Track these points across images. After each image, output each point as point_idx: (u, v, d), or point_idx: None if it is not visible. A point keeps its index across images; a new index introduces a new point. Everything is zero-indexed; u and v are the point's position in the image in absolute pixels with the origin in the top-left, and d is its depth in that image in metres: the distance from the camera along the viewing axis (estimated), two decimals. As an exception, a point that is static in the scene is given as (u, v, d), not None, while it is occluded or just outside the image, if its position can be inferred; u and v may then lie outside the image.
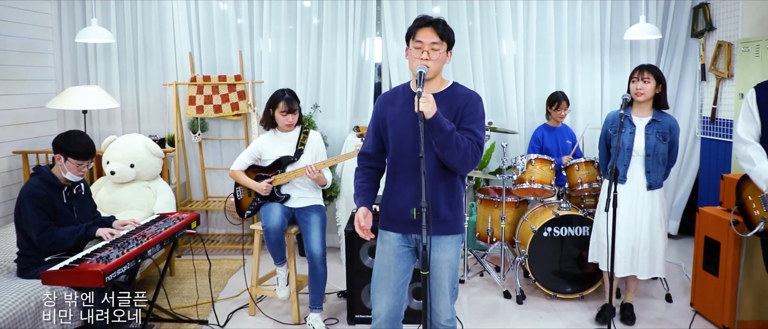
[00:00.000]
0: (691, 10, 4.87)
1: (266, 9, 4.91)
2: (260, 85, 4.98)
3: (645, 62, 4.91)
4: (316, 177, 3.35)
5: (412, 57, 2.25)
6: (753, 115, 2.75)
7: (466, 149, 2.20)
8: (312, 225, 3.37)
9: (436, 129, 2.12)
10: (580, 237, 3.80)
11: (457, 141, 2.17)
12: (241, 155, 3.54)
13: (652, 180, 3.31)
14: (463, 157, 2.19)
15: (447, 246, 2.35)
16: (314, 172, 3.31)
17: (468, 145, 2.21)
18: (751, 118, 2.76)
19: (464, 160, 2.20)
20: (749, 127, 2.78)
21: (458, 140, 2.18)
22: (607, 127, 3.46)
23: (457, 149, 2.17)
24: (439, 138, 2.14)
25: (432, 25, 2.23)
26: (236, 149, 5.12)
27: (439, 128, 2.13)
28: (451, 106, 2.27)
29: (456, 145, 2.17)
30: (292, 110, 3.39)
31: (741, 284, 3.21)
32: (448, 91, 2.33)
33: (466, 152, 2.20)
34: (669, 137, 3.29)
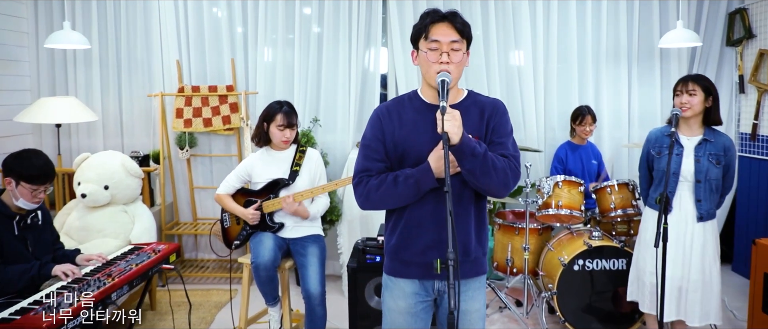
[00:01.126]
0: (726, 16, 4.44)
1: (262, 15, 4.48)
2: (254, 97, 4.54)
3: (676, 72, 4.51)
4: (294, 211, 2.88)
5: (425, 61, 1.80)
6: None
7: (505, 170, 1.77)
8: (309, 260, 2.91)
9: (466, 153, 1.68)
10: (615, 271, 3.33)
11: (493, 162, 1.74)
12: (229, 177, 3.09)
13: (704, 210, 2.85)
14: (503, 179, 1.76)
15: (476, 293, 1.92)
16: (291, 205, 2.85)
17: (505, 164, 1.78)
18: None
19: (505, 182, 1.77)
20: None
21: (494, 161, 1.74)
22: (649, 147, 3.01)
23: (495, 172, 1.73)
24: (471, 164, 1.70)
25: (448, 20, 1.79)
26: (228, 167, 4.66)
27: (470, 152, 1.69)
28: (475, 119, 1.84)
29: (493, 167, 1.73)
30: (291, 125, 2.95)
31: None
32: (468, 101, 1.89)
33: (505, 173, 1.77)
34: (724, 160, 2.84)
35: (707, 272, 2.87)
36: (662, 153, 2.91)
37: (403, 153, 1.86)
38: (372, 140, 1.89)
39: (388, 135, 1.87)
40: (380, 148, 1.87)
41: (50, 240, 2.74)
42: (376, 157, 1.87)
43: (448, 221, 1.52)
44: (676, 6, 4.44)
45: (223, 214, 3.15)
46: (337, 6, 4.47)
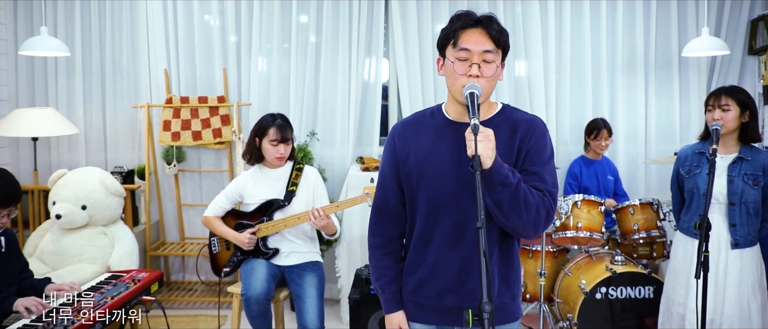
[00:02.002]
0: (748, 23, 4.20)
1: (257, 23, 4.21)
2: (248, 109, 4.26)
3: (695, 82, 4.26)
4: (324, 226, 2.59)
5: (451, 72, 1.53)
6: None
7: (537, 208, 1.48)
8: (307, 291, 2.62)
9: (495, 183, 1.40)
10: (641, 299, 3.05)
11: (526, 197, 1.45)
12: (218, 198, 2.81)
13: (740, 235, 2.57)
14: (534, 218, 1.47)
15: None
16: (322, 218, 2.56)
17: (539, 202, 1.48)
18: None
19: (535, 222, 1.48)
20: None
21: (526, 195, 1.45)
22: (679, 166, 2.73)
23: (526, 209, 1.45)
24: (499, 195, 1.42)
25: (482, 26, 1.51)
26: (218, 183, 4.37)
27: (501, 181, 1.41)
28: (505, 139, 1.56)
29: (524, 203, 1.44)
30: (285, 139, 2.67)
31: None
32: (500, 117, 1.61)
33: (538, 212, 1.48)
34: (762, 180, 2.56)
35: (745, 306, 2.58)
36: (692, 172, 2.65)
37: (419, 178, 1.59)
38: (387, 167, 1.68)
39: (401, 158, 1.63)
40: (394, 177, 1.66)
41: (15, 269, 2.43)
42: (386, 193, 1.68)
43: (482, 263, 1.25)
44: (695, 13, 4.20)
45: (212, 238, 2.86)
46: (336, 14, 4.21)
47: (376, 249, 1.70)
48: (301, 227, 2.73)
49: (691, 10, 4.21)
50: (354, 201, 2.57)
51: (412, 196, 1.62)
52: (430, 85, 4.28)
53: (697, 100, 4.26)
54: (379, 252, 1.69)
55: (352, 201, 2.58)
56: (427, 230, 1.60)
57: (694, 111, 4.27)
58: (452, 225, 1.56)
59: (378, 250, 1.70)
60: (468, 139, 1.39)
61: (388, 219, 1.68)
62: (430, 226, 1.59)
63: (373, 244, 1.71)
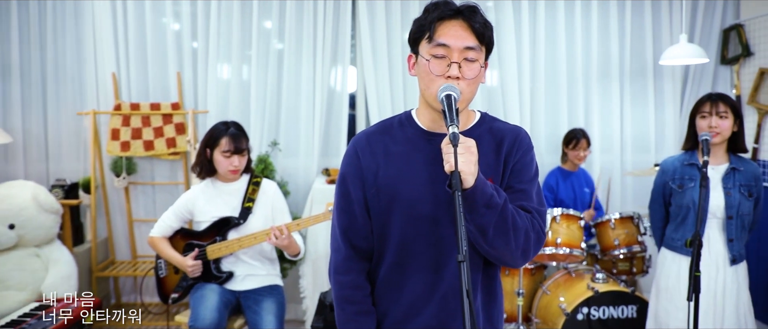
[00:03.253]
0: (721, 32, 4.14)
1: (214, 26, 3.91)
2: (204, 116, 3.96)
3: (670, 91, 4.17)
4: (286, 245, 2.32)
5: (425, 72, 1.29)
6: None
7: (527, 232, 1.26)
8: (264, 319, 2.35)
9: (479, 204, 1.17)
10: (625, 319, 2.88)
11: (514, 220, 1.22)
12: (165, 215, 2.52)
13: (736, 251, 2.43)
14: (523, 243, 1.25)
15: None
16: (284, 237, 2.28)
17: (528, 225, 1.26)
18: None
19: (524, 248, 1.26)
20: None
21: (514, 218, 1.23)
22: (666, 178, 2.56)
23: (514, 234, 1.22)
24: (484, 219, 1.19)
25: (464, 18, 1.28)
26: (173, 196, 4.04)
27: (485, 202, 1.18)
28: (489, 154, 1.33)
29: (513, 227, 1.22)
30: (239, 150, 2.40)
31: None
32: (482, 127, 1.38)
33: (527, 236, 1.26)
34: (755, 191, 2.43)
35: (742, 322, 2.44)
36: (685, 186, 2.47)
37: (391, 200, 1.34)
38: (351, 188, 1.37)
39: (368, 177, 1.35)
40: (361, 200, 1.36)
41: None
42: (359, 221, 1.37)
43: (464, 304, 1.02)
44: (669, 21, 4.12)
45: (159, 261, 2.57)
46: (300, 19, 3.97)
47: (351, 290, 1.38)
48: (258, 247, 2.46)
49: (665, 18, 4.13)
50: (317, 219, 2.32)
51: (382, 222, 1.36)
52: (399, 93, 4.07)
53: (671, 108, 4.17)
54: (357, 293, 1.38)
55: (315, 219, 2.32)
56: (399, 262, 1.36)
57: (669, 120, 4.18)
58: (431, 256, 1.33)
59: (355, 291, 1.38)
60: (445, 152, 1.16)
61: (359, 253, 1.40)
62: (404, 257, 1.35)
63: (344, 284, 1.39)
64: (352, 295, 1.38)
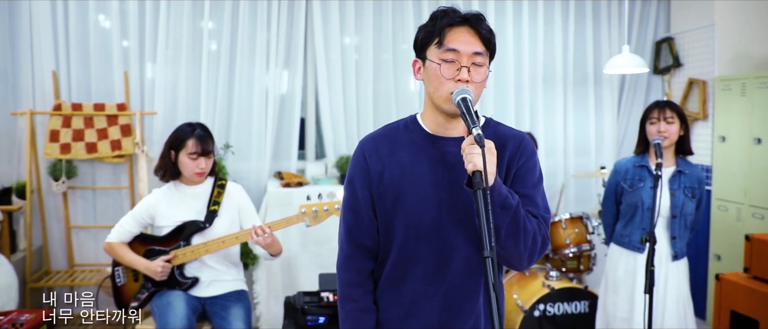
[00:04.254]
0: (653, 44, 4.44)
1: (163, 25, 3.77)
2: (152, 118, 3.81)
3: (608, 98, 4.43)
4: (269, 244, 2.26)
5: (435, 77, 1.33)
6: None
7: (535, 235, 1.30)
8: (233, 325, 2.30)
9: (495, 204, 1.22)
10: (577, 315, 3.02)
11: (524, 223, 1.27)
12: (124, 220, 2.41)
13: (678, 248, 2.62)
14: (531, 246, 1.30)
15: None
16: (266, 236, 2.23)
17: (536, 228, 1.31)
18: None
19: (532, 251, 1.31)
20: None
21: (525, 221, 1.28)
22: (618, 178, 2.73)
23: (524, 236, 1.27)
24: (499, 218, 1.24)
25: (470, 25, 1.33)
26: (116, 202, 3.88)
27: (501, 202, 1.23)
28: (497, 158, 1.35)
29: (523, 229, 1.27)
30: (206, 152, 2.34)
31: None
32: (487, 131, 1.40)
33: (535, 240, 1.31)
34: (698, 193, 2.63)
35: (682, 314, 2.63)
36: (635, 186, 2.65)
37: (396, 201, 1.37)
38: (358, 188, 1.40)
39: (374, 178, 1.38)
40: (368, 200, 1.39)
41: None
42: (365, 220, 1.40)
43: (492, 298, 1.06)
44: (608, 33, 4.38)
45: (116, 268, 2.44)
46: (253, 21, 3.90)
47: (353, 288, 1.41)
48: (224, 251, 2.40)
49: (604, 31, 4.38)
50: (289, 221, 2.29)
51: (387, 222, 1.39)
52: (352, 97, 4.08)
53: (610, 114, 4.43)
54: (357, 291, 1.41)
55: (287, 221, 2.29)
56: (402, 261, 1.38)
57: (607, 125, 4.42)
58: (433, 255, 1.36)
59: (356, 289, 1.41)
60: (468, 153, 1.19)
61: (364, 251, 1.42)
62: (407, 257, 1.38)
63: (347, 282, 1.42)
64: (353, 293, 1.41)
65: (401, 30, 4.12)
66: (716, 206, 3.87)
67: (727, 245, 3.78)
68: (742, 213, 3.71)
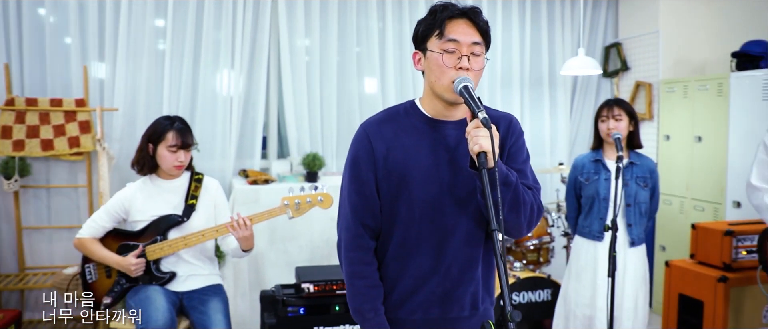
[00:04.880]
0: (603, 49, 4.70)
1: (125, 19, 3.68)
2: (112, 115, 3.71)
3: (562, 99, 4.65)
4: (247, 236, 2.26)
5: (437, 65, 1.41)
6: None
7: (532, 206, 1.43)
8: (213, 318, 2.28)
9: (498, 181, 1.30)
10: (540, 303, 3.17)
11: (523, 195, 1.39)
12: (97, 215, 2.36)
13: (635, 234, 2.80)
14: (529, 217, 1.43)
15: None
16: (245, 228, 2.23)
17: (532, 199, 1.44)
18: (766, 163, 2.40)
19: (530, 220, 1.44)
20: (764, 172, 2.39)
21: (523, 194, 1.40)
22: (576, 173, 2.91)
23: (523, 208, 1.39)
24: (502, 195, 1.32)
25: (468, 17, 1.42)
26: (72, 201, 3.75)
27: (503, 180, 1.33)
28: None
29: (523, 202, 1.39)
30: (186, 145, 2.34)
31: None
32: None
33: (532, 210, 1.44)
34: (650, 182, 2.83)
35: (637, 297, 2.82)
36: (591, 179, 2.83)
37: (400, 181, 1.44)
38: (363, 170, 1.46)
39: (379, 159, 1.45)
40: (372, 181, 1.46)
41: None
42: (370, 200, 1.46)
43: (501, 267, 1.15)
44: (561, 38, 4.59)
45: (87, 265, 2.38)
46: (217, 20, 3.87)
47: (362, 266, 1.47)
48: (200, 246, 2.39)
49: (558, 36, 4.59)
50: (272, 214, 2.30)
51: (391, 201, 1.46)
52: (316, 96, 4.10)
53: (563, 114, 4.64)
54: (366, 268, 1.47)
55: (270, 214, 2.30)
56: (407, 239, 1.46)
57: (561, 124, 4.64)
58: (438, 232, 1.45)
59: (365, 267, 1.47)
60: (473, 135, 1.27)
61: (369, 231, 1.48)
62: (412, 235, 1.46)
63: (355, 260, 1.47)
64: (362, 270, 1.47)
65: (365, 31, 4.19)
66: (662, 200, 4.12)
67: (671, 236, 4.05)
68: (684, 206, 3.99)
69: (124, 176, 3.73)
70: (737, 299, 2.86)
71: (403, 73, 4.28)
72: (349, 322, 2.51)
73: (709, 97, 3.75)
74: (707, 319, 2.89)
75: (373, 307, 1.46)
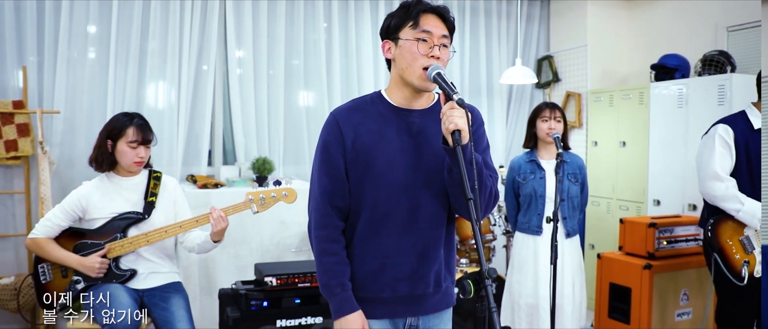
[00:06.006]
0: (536, 61, 5.03)
1: (66, 18, 3.60)
2: (53, 118, 3.59)
3: (498, 107, 4.92)
4: (222, 229, 2.31)
5: (409, 53, 1.52)
6: (730, 151, 2.59)
7: (491, 189, 1.57)
8: (176, 314, 2.29)
9: (466, 160, 1.43)
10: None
11: (485, 178, 1.53)
12: (52, 214, 2.31)
13: (570, 227, 3.04)
14: (487, 199, 1.56)
15: (448, 325, 1.70)
16: (222, 220, 2.28)
17: (492, 183, 1.57)
18: (727, 154, 2.60)
19: (487, 204, 1.58)
20: (725, 164, 2.60)
21: (485, 177, 1.53)
22: (514, 174, 3.13)
23: (484, 189, 1.52)
24: (470, 172, 1.45)
25: (438, 14, 1.56)
26: (7, 209, 3.60)
27: (469, 159, 1.44)
28: None
29: (484, 183, 1.52)
30: (147, 141, 2.34)
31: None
32: (440, 105, 1.62)
33: (491, 193, 1.57)
34: (580, 177, 3.09)
35: (577, 285, 3.05)
36: (527, 178, 3.05)
37: (368, 164, 1.55)
38: (333, 153, 1.55)
39: (348, 143, 1.55)
40: (341, 164, 1.55)
41: None
42: (338, 182, 1.56)
43: (476, 231, 1.28)
44: (498, 50, 4.87)
45: (40, 266, 2.32)
46: (164, 20, 3.85)
47: (329, 243, 1.56)
48: (159, 244, 2.38)
49: (495, 48, 4.87)
50: (236, 208, 2.33)
51: (359, 183, 1.56)
52: (263, 102, 4.14)
53: (500, 122, 4.91)
54: (334, 246, 1.56)
55: (234, 208, 2.33)
56: (375, 218, 1.56)
57: (498, 131, 4.90)
58: (404, 212, 1.55)
59: (332, 244, 1.56)
60: (449, 115, 1.39)
61: (337, 211, 1.57)
62: (380, 214, 1.55)
63: (323, 238, 1.56)
64: (329, 248, 1.55)
65: (312, 37, 4.28)
66: (590, 202, 4.45)
67: (600, 234, 4.38)
68: (611, 207, 4.33)
69: (65, 183, 3.62)
70: (659, 284, 3.15)
71: (349, 81, 4.40)
72: (310, 314, 2.58)
73: (632, 105, 4.12)
74: (634, 304, 3.17)
75: (340, 283, 1.54)
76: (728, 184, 2.58)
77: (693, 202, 3.66)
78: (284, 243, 3.68)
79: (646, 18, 4.55)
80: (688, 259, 3.24)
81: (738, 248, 2.59)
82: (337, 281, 1.54)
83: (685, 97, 3.72)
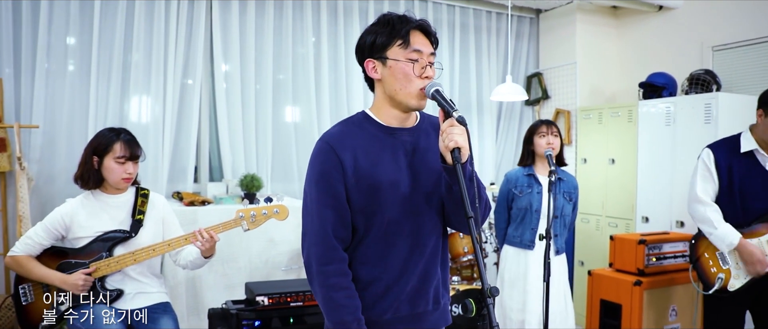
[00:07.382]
0: (525, 78, 5.05)
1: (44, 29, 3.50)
2: (31, 132, 3.48)
3: (489, 123, 4.92)
4: (210, 248, 2.22)
5: (402, 74, 1.47)
6: (712, 175, 2.69)
7: (486, 202, 1.58)
8: (164, 337, 2.19)
9: (466, 177, 1.39)
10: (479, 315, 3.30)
11: (482, 193, 1.52)
12: (33, 232, 2.22)
13: (559, 244, 3.04)
14: (483, 212, 1.55)
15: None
16: (208, 240, 2.19)
17: (485, 196, 1.58)
18: (709, 177, 2.70)
19: (483, 216, 1.58)
20: (707, 187, 2.70)
21: (482, 192, 1.53)
22: (509, 186, 3.11)
23: (480, 203, 1.49)
24: (470, 189, 1.40)
25: (422, 30, 1.50)
26: (-17, 225, 3.45)
27: (469, 176, 1.42)
28: (436, 143, 1.55)
29: (480, 196, 1.50)
30: (135, 156, 2.26)
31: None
32: (426, 122, 1.61)
33: (486, 206, 1.58)
34: (573, 197, 3.08)
35: (566, 301, 3.03)
36: (524, 192, 3.04)
37: (372, 184, 1.48)
38: (333, 182, 1.47)
39: (348, 168, 1.47)
40: (343, 194, 1.48)
41: None
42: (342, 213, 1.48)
43: (477, 249, 1.25)
44: (488, 67, 4.89)
45: (22, 287, 2.22)
46: (148, 32, 3.78)
47: (338, 278, 1.46)
48: (147, 263, 2.30)
49: (485, 65, 4.88)
50: (226, 226, 2.25)
51: (362, 209, 1.49)
52: (251, 118, 4.08)
53: (490, 139, 4.91)
54: (343, 280, 1.47)
55: (224, 226, 2.25)
56: (378, 244, 1.51)
57: (488, 146, 4.90)
58: (409, 232, 1.51)
59: (342, 278, 1.47)
60: (448, 133, 1.36)
61: (341, 243, 1.49)
62: (386, 237, 1.50)
63: (331, 273, 1.46)
64: (339, 282, 1.47)
65: (300, 51, 4.24)
66: (579, 219, 4.46)
67: (590, 251, 4.37)
68: (600, 224, 4.34)
69: (45, 200, 3.51)
70: (649, 300, 3.16)
71: (338, 97, 4.37)
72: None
73: (621, 123, 4.14)
74: (625, 320, 3.16)
75: (356, 318, 1.46)
76: (707, 208, 2.68)
77: (681, 219, 3.68)
78: (273, 261, 3.60)
79: (633, 36, 4.61)
80: (675, 275, 3.26)
81: (715, 262, 2.67)
82: (353, 316, 1.46)
83: (673, 115, 3.75)
